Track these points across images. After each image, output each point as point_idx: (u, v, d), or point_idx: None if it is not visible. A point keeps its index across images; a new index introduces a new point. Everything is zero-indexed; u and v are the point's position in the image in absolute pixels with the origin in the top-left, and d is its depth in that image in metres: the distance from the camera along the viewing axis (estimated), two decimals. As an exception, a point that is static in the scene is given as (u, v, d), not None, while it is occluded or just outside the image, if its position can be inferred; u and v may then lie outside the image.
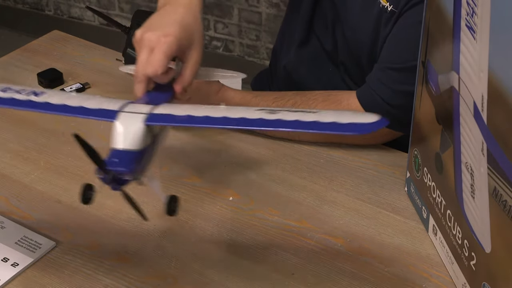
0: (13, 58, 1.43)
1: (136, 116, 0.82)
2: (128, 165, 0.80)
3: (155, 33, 0.90)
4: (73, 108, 0.86)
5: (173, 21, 0.93)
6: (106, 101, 0.87)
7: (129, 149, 0.80)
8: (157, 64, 0.89)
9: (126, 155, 0.80)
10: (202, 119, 0.81)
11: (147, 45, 0.90)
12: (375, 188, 1.12)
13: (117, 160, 0.80)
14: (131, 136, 0.81)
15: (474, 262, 0.87)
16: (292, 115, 0.76)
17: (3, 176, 1.13)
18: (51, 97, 0.88)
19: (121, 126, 0.81)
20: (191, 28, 0.94)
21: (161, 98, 0.91)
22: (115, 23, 1.28)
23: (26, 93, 0.89)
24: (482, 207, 0.83)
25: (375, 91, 1.16)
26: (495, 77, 0.75)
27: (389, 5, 1.15)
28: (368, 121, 0.74)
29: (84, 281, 0.94)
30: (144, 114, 0.82)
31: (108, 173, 0.79)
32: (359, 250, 1.01)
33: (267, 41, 2.72)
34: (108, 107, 0.84)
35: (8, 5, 3.27)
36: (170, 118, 0.82)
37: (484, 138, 0.80)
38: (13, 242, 0.99)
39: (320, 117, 0.75)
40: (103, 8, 3.02)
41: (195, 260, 0.98)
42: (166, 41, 0.90)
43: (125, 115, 0.82)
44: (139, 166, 0.82)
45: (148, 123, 0.82)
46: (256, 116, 0.77)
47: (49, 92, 0.90)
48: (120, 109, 0.84)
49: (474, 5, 0.78)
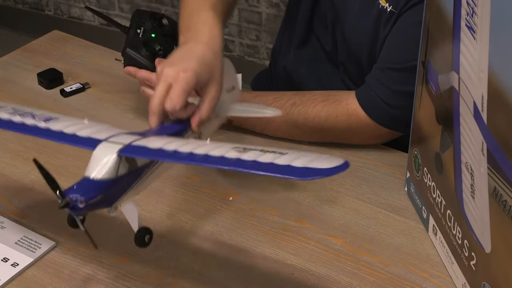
0: (13, 58, 1.43)
1: (112, 146, 0.82)
2: (85, 194, 0.79)
3: (174, 68, 0.91)
4: (66, 135, 0.87)
5: (193, 56, 0.94)
6: (105, 130, 0.88)
7: (93, 178, 0.80)
8: (176, 99, 0.89)
9: (88, 183, 0.80)
10: (181, 156, 0.80)
11: (166, 79, 0.91)
12: (375, 188, 1.12)
13: (75, 187, 0.80)
14: (99, 166, 0.81)
15: (474, 262, 0.87)
16: (267, 157, 0.76)
17: (3, 176, 1.13)
18: (56, 123, 0.90)
19: (94, 155, 0.82)
20: (210, 64, 0.95)
21: (174, 130, 0.92)
22: (114, 23, 1.28)
23: (39, 119, 0.91)
24: (482, 207, 0.83)
25: (374, 91, 1.16)
26: (495, 77, 0.75)
27: (389, 5, 1.15)
28: (331, 166, 0.73)
29: (84, 281, 0.94)
30: (121, 145, 0.82)
31: (62, 198, 0.79)
32: (359, 250, 1.01)
33: (267, 41, 2.72)
34: (98, 136, 0.85)
35: (8, 5, 3.27)
36: (144, 150, 0.82)
37: (484, 138, 0.80)
38: (13, 242, 0.99)
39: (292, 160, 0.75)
40: (103, 8, 3.02)
41: (195, 260, 0.98)
42: (185, 76, 0.90)
43: (104, 145, 0.83)
44: (104, 195, 0.81)
45: (121, 154, 0.81)
46: (233, 156, 0.77)
47: (60, 118, 0.92)
48: (106, 139, 0.84)
49: (474, 5, 0.78)
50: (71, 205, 0.79)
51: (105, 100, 1.32)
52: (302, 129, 1.19)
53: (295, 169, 0.74)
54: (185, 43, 1.00)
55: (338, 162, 0.74)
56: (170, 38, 1.20)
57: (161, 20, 1.22)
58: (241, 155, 0.77)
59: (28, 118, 0.91)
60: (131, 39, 1.19)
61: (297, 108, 1.18)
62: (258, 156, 0.77)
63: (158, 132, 0.90)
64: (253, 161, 0.76)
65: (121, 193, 0.83)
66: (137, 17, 1.22)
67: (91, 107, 1.30)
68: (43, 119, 0.91)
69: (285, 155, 0.76)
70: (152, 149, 0.81)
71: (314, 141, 1.21)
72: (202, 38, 0.99)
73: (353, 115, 1.17)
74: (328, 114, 1.17)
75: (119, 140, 0.83)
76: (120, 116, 1.27)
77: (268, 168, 0.74)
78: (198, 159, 0.78)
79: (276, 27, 1.51)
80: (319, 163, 0.74)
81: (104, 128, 0.89)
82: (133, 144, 0.83)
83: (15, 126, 0.90)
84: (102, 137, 0.85)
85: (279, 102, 1.19)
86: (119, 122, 1.26)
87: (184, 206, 1.06)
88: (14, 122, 0.91)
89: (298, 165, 0.74)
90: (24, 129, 0.90)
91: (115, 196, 0.83)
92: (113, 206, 0.83)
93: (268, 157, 0.76)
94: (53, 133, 0.88)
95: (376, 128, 1.17)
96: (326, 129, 1.18)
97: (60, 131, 0.88)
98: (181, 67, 0.91)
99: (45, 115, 0.92)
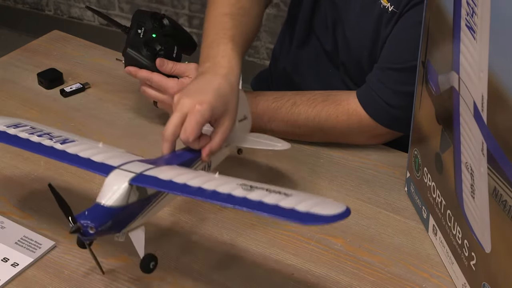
0: (13, 58, 1.43)
1: (124, 175, 0.85)
2: (96, 220, 0.83)
3: (191, 99, 0.93)
4: (82, 159, 0.90)
5: (210, 89, 0.96)
6: (119, 156, 0.91)
7: (104, 205, 0.83)
8: (189, 131, 0.91)
9: (99, 210, 0.83)
10: (191, 190, 0.82)
11: (181, 109, 0.93)
12: (375, 188, 1.12)
13: (86, 213, 0.83)
14: (111, 193, 0.84)
15: (474, 262, 0.87)
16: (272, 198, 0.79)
17: (3, 176, 1.13)
18: (72, 146, 0.93)
19: (107, 181, 0.85)
20: (226, 97, 0.97)
21: (185, 158, 0.94)
22: (115, 23, 1.28)
23: (56, 140, 0.94)
24: (482, 207, 0.82)
25: (375, 91, 1.16)
26: (495, 77, 0.75)
27: (390, 5, 1.15)
28: (332, 213, 0.77)
29: (84, 281, 0.94)
30: (133, 174, 0.85)
31: (74, 223, 0.82)
32: (359, 250, 1.01)
33: (267, 41, 2.72)
34: (111, 163, 0.88)
35: (8, 5, 3.27)
36: (154, 181, 0.84)
37: (484, 138, 0.80)
38: (13, 242, 0.99)
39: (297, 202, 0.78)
40: (103, 8, 3.02)
41: (195, 260, 0.98)
42: (200, 109, 0.92)
43: (117, 172, 0.86)
44: (114, 222, 0.84)
45: (132, 183, 0.84)
46: (240, 195, 0.80)
47: (77, 141, 0.95)
48: (118, 166, 0.87)
49: (474, 5, 0.78)
50: (82, 230, 0.82)
51: (105, 100, 1.32)
52: (302, 129, 1.19)
53: (298, 213, 0.76)
54: (204, 73, 1.02)
55: (340, 208, 0.77)
56: (170, 38, 1.20)
57: (162, 20, 1.22)
58: (248, 194, 0.80)
59: (45, 139, 0.94)
60: (132, 39, 1.19)
61: (297, 108, 1.18)
62: (264, 196, 0.79)
63: (170, 160, 0.93)
64: (259, 202, 0.78)
65: (130, 220, 0.86)
66: (138, 17, 1.22)
67: (91, 107, 1.30)
68: (60, 141, 0.94)
69: (290, 197, 0.79)
70: (162, 180, 0.84)
71: (315, 141, 1.21)
72: (220, 71, 1.01)
73: (353, 115, 1.17)
74: (328, 114, 1.17)
75: (131, 168, 0.86)
76: (120, 116, 1.27)
77: (273, 211, 0.77)
78: (207, 195, 0.81)
79: (276, 27, 1.51)
80: (322, 209, 0.77)
81: (118, 154, 0.92)
82: (144, 173, 0.86)
83: (32, 146, 0.93)
84: (115, 164, 0.88)
85: (280, 102, 1.19)
86: (119, 122, 1.26)
87: (184, 206, 1.06)
88: (32, 142, 0.94)
89: (301, 210, 0.77)
90: (41, 150, 0.93)
91: (125, 222, 0.86)
92: (122, 232, 0.86)
93: (273, 198, 0.79)
94: (68, 156, 0.91)
95: (377, 128, 1.17)
96: (326, 129, 1.18)
97: (76, 154, 0.91)
98: (197, 99, 0.93)
99: (62, 137, 0.95)
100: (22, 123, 1.00)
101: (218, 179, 0.85)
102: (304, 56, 1.35)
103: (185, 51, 1.24)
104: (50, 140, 0.94)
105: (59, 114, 1.27)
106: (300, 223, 0.77)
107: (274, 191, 0.80)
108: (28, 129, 0.97)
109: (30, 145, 0.94)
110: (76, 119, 1.27)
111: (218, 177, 0.86)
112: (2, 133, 0.96)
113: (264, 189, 0.81)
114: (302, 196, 0.80)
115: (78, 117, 1.27)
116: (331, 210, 0.77)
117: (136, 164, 0.88)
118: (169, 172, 0.86)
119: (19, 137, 0.95)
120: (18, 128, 0.97)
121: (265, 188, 0.81)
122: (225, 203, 0.79)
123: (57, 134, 0.97)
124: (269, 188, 0.81)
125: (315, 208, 0.77)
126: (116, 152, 0.93)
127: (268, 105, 1.19)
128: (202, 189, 0.82)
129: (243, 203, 0.78)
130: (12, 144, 0.95)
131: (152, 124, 1.24)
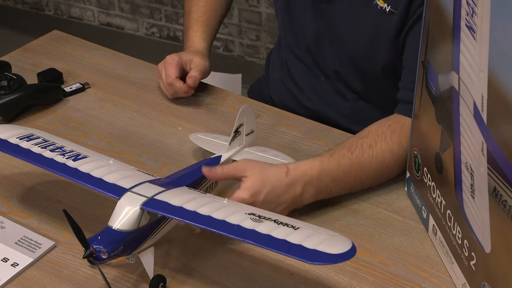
0: (13, 58, 1.43)
1: (136, 198, 0.87)
2: (109, 245, 0.84)
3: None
4: (93, 179, 0.92)
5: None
6: (131, 176, 0.93)
7: (116, 229, 0.85)
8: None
9: (111, 234, 0.85)
10: (200, 219, 0.85)
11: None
12: (375, 188, 1.12)
13: (99, 238, 0.85)
14: (122, 217, 0.86)
15: (474, 262, 0.87)
16: (281, 232, 0.82)
17: (3, 176, 1.13)
18: (84, 164, 0.94)
19: (118, 205, 0.87)
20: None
21: (194, 178, 0.98)
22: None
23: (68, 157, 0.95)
24: (482, 207, 0.82)
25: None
26: (495, 77, 0.75)
27: (387, 5, 1.15)
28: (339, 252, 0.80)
29: (84, 281, 0.94)
30: (144, 198, 0.87)
31: (87, 248, 0.83)
32: (359, 250, 1.00)
33: (267, 41, 2.72)
34: (123, 184, 0.90)
35: (8, 5, 3.27)
36: (165, 207, 0.86)
37: (484, 138, 0.80)
38: (13, 242, 0.99)
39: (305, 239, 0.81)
40: (103, 8, 3.02)
41: (195, 260, 0.98)
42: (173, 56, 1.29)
43: (128, 196, 0.88)
44: (126, 246, 0.86)
45: (144, 208, 0.86)
46: (249, 226, 0.82)
47: (89, 157, 0.96)
48: (130, 188, 0.89)
49: (474, 5, 0.78)
50: (94, 255, 0.84)
51: (105, 100, 1.32)
52: (390, 168, 1.11)
53: (306, 250, 0.79)
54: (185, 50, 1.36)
55: (346, 246, 0.80)
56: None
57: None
58: (257, 226, 0.82)
59: (58, 154, 0.95)
60: None
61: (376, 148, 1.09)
62: (273, 229, 0.82)
63: (179, 180, 0.96)
64: (268, 236, 0.81)
65: (141, 243, 0.88)
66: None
67: (91, 107, 1.30)
68: (72, 157, 0.95)
69: (298, 230, 0.82)
70: (173, 206, 0.86)
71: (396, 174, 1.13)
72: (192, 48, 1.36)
73: None
74: (400, 141, 1.10)
75: (142, 191, 0.88)
76: (120, 116, 1.27)
77: (282, 248, 0.80)
78: (216, 226, 0.83)
79: (276, 27, 1.51)
80: (328, 246, 0.80)
81: (129, 174, 0.94)
82: (155, 197, 0.87)
83: (45, 163, 0.94)
84: (127, 186, 0.90)
85: (355, 153, 1.09)
86: (119, 122, 1.26)
87: (184, 206, 1.06)
88: (45, 157, 0.95)
89: (309, 247, 0.79)
90: (54, 167, 0.94)
91: (136, 245, 0.87)
92: (133, 254, 0.88)
93: (281, 232, 0.81)
94: (81, 175, 0.93)
95: None
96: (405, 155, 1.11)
97: (88, 173, 0.93)
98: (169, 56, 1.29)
99: (74, 152, 0.97)
100: (34, 134, 1.00)
101: (227, 207, 0.87)
102: (296, 69, 1.35)
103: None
104: (63, 156, 0.95)
105: (59, 114, 1.27)
106: (308, 262, 0.79)
107: (282, 223, 0.83)
108: (40, 142, 0.97)
109: (43, 161, 0.95)
110: (76, 119, 1.26)
111: (227, 203, 0.89)
112: (15, 147, 0.97)
113: (272, 220, 0.84)
114: (310, 230, 0.83)
115: (78, 117, 1.27)
116: (338, 248, 0.80)
117: (147, 186, 0.90)
118: (179, 197, 0.88)
119: (32, 151, 0.96)
120: (31, 141, 0.98)
121: (273, 219, 0.84)
122: (235, 236, 0.82)
123: (69, 148, 0.97)
124: (277, 219, 0.84)
125: (322, 245, 0.80)
126: (127, 172, 0.94)
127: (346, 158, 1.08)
128: (212, 218, 0.84)
129: (252, 237, 0.81)
130: (24, 159, 0.96)
131: (152, 124, 1.25)
